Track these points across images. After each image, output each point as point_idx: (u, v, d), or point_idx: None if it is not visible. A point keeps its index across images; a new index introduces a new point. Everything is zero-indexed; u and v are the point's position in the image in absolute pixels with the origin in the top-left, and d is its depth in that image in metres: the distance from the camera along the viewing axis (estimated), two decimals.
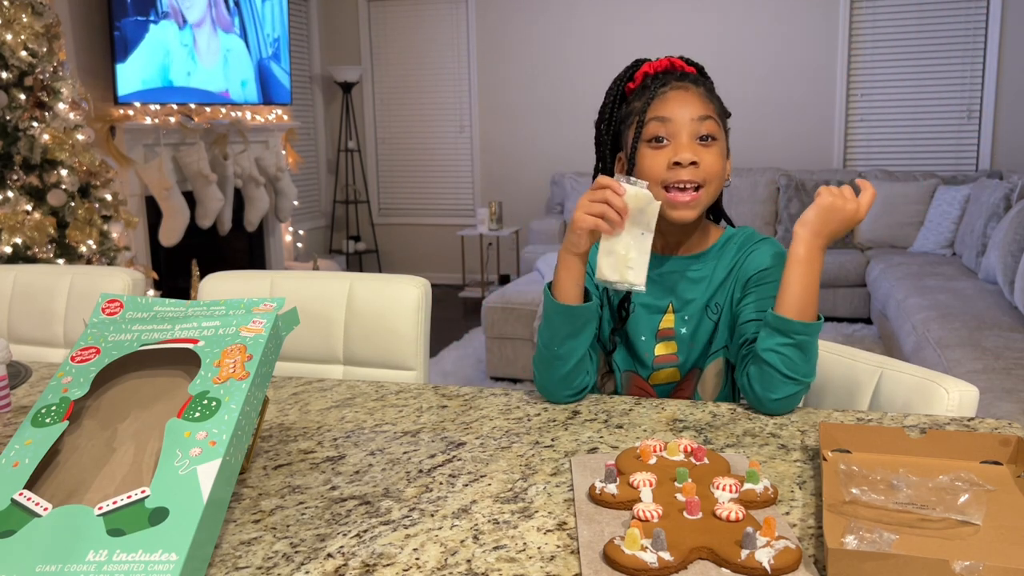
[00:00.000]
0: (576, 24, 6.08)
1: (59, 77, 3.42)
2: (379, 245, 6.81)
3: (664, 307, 1.30)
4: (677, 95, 1.22)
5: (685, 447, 0.95)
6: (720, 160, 1.23)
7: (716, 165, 1.22)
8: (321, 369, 1.63)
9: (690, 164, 1.20)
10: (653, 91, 1.23)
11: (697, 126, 1.21)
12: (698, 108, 1.22)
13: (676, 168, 1.21)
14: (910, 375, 1.20)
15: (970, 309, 3.46)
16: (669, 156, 1.21)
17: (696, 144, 1.21)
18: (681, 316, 1.29)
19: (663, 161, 1.22)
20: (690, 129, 1.21)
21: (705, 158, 1.21)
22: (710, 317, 1.29)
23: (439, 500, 0.89)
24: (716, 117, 1.23)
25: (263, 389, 0.89)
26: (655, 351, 1.31)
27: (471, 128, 6.47)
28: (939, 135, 5.54)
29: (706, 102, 1.23)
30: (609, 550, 0.74)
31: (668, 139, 1.22)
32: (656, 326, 1.30)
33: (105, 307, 0.98)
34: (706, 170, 1.22)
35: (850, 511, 0.80)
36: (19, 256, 3.18)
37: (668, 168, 1.21)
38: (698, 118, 1.21)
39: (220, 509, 0.75)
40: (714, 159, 1.22)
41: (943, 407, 1.13)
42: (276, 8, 5.63)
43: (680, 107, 1.22)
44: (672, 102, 1.22)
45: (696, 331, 1.29)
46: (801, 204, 5.36)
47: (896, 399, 1.20)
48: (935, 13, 5.40)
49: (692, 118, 1.21)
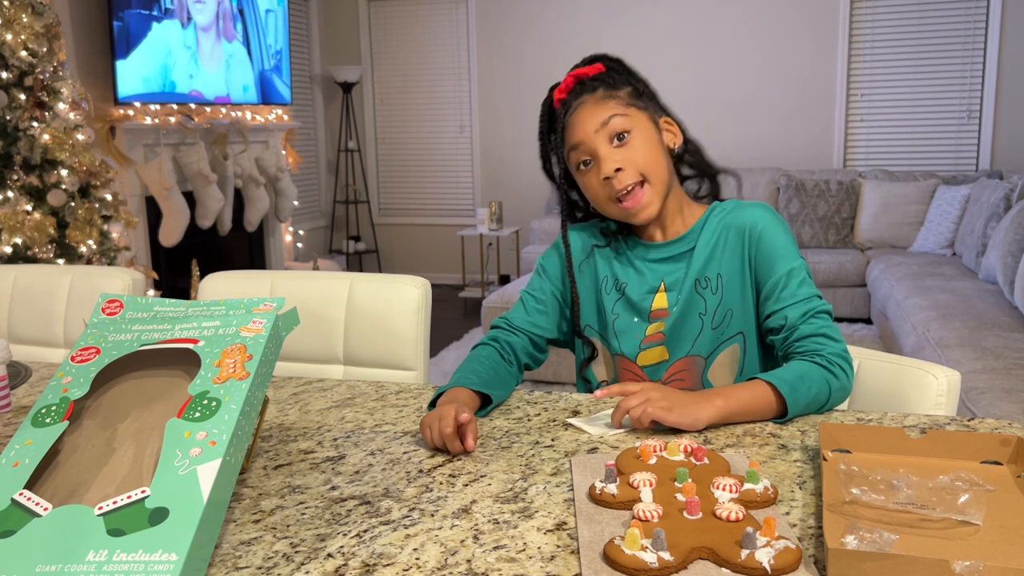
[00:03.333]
0: (576, 24, 6.08)
1: (59, 77, 3.41)
2: (379, 245, 6.81)
3: (656, 287, 1.30)
4: (578, 116, 1.25)
5: (685, 447, 0.95)
6: (644, 148, 1.24)
7: (641, 156, 1.24)
8: (321, 369, 1.63)
9: (616, 172, 1.23)
10: (562, 121, 1.27)
11: (604, 132, 1.24)
12: (598, 115, 1.24)
13: (609, 182, 1.24)
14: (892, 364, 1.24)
15: (970, 309, 3.46)
16: (598, 175, 1.25)
17: (612, 148, 1.24)
18: (673, 294, 1.29)
19: (596, 181, 1.25)
20: (599, 139, 1.24)
21: (627, 156, 1.23)
22: (700, 292, 1.27)
23: (439, 500, 0.89)
24: (621, 110, 1.24)
25: (263, 389, 0.89)
26: (646, 332, 1.30)
27: (471, 128, 6.47)
28: (939, 135, 5.54)
29: (604, 103, 1.25)
30: (609, 550, 0.74)
31: (590, 157, 1.25)
32: (649, 307, 1.30)
33: (105, 307, 0.98)
34: (635, 164, 1.23)
35: (850, 511, 0.80)
36: (19, 256, 3.18)
37: (603, 185, 1.25)
38: (600, 125, 1.23)
39: (220, 509, 0.75)
40: (636, 151, 1.24)
41: (934, 392, 1.17)
42: (279, 20, 5.63)
43: (582, 125, 1.24)
44: (576, 125, 1.25)
45: (685, 307, 1.27)
46: (801, 204, 5.36)
47: (884, 390, 1.22)
48: (935, 13, 5.40)
49: (595, 129, 1.24)
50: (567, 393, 1.26)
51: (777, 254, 1.24)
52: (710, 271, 1.27)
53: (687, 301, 1.27)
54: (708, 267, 1.27)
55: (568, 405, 1.20)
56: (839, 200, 5.34)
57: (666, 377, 1.29)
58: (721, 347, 1.28)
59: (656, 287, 1.30)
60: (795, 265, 1.23)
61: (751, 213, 1.27)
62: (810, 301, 1.20)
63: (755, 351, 1.28)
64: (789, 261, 1.23)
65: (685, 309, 1.27)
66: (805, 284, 1.22)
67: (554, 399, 1.24)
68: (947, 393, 1.17)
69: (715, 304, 1.27)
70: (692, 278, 1.28)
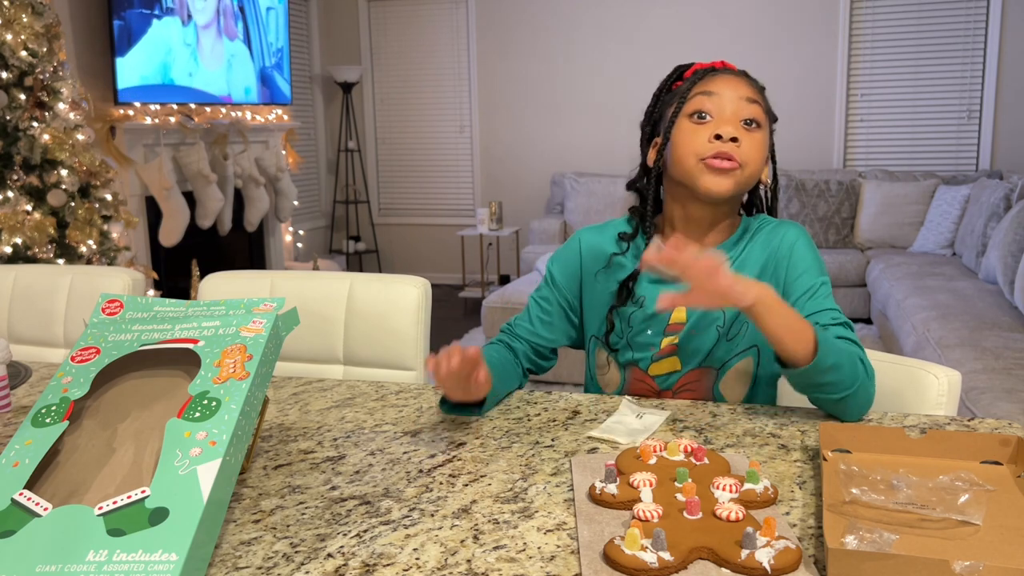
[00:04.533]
0: (576, 24, 6.08)
1: (59, 77, 3.41)
2: (379, 245, 6.81)
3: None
4: (725, 77, 1.21)
5: (685, 447, 0.95)
6: (761, 149, 1.20)
7: (756, 151, 1.19)
8: (321, 369, 1.63)
9: (731, 140, 1.17)
10: (701, 76, 1.22)
11: (743, 106, 1.19)
12: (746, 90, 1.20)
13: (716, 142, 1.17)
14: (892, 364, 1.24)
15: (970, 309, 3.46)
16: (711, 131, 1.18)
17: (740, 125, 1.19)
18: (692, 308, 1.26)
19: (704, 136, 1.18)
20: (735, 107, 1.19)
21: (747, 140, 1.18)
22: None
23: (439, 500, 0.89)
24: (763, 105, 1.21)
25: (263, 389, 0.89)
26: (660, 344, 1.27)
27: (471, 128, 6.47)
28: (939, 135, 5.54)
29: (753, 88, 1.22)
30: (609, 550, 0.74)
31: (711, 115, 1.19)
32: (667, 321, 1.27)
33: (105, 307, 0.98)
34: (747, 152, 1.18)
35: (850, 511, 0.80)
36: (19, 256, 3.18)
37: (708, 141, 1.18)
38: (745, 98, 1.19)
39: (220, 509, 0.75)
40: (755, 144, 1.19)
41: (934, 392, 1.17)
42: (280, 18, 5.64)
43: (727, 86, 1.20)
44: (720, 81, 1.21)
45: (702, 318, 1.25)
46: (801, 204, 5.36)
47: (885, 389, 1.21)
48: (935, 13, 5.40)
49: (739, 97, 1.19)
50: (567, 393, 1.26)
51: (809, 269, 1.23)
52: None
53: (704, 313, 1.25)
54: None
55: (568, 405, 1.20)
56: (839, 200, 5.34)
57: (677, 387, 1.28)
58: (734, 359, 1.26)
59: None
60: (825, 279, 1.23)
61: (786, 232, 1.26)
62: (838, 315, 1.19)
63: (769, 365, 1.24)
64: (820, 275, 1.22)
65: (701, 320, 1.25)
66: (831, 300, 1.21)
67: (554, 399, 1.24)
68: (948, 393, 1.17)
69: (732, 316, 1.24)
70: None
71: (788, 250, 1.24)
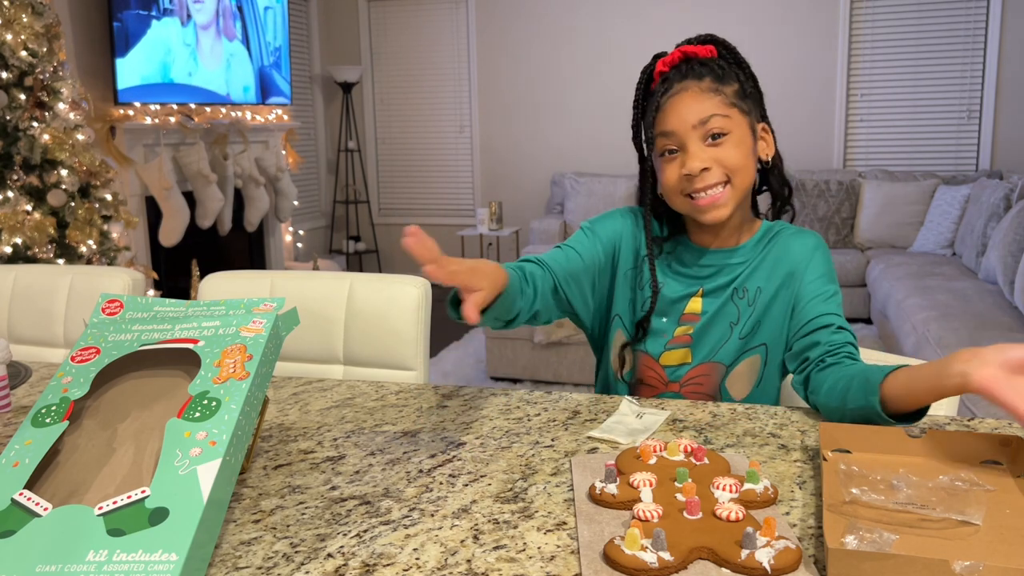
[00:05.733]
0: (576, 24, 6.08)
1: (59, 77, 3.41)
2: (379, 245, 6.81)
3: (694, 292, 1.29)
4: (678, 102, 1.20)
5: (685, 447, 0.95)
6: (736, 151, 1.20)
7: (732, 158, 1.19)
8: (321, 369, 1.63)
9: (701, 171, 1.19)
10: (657, 100, 1.21)
11: (701, 131, 1.19)
12: (699, 110, 1.19)
13: (689, 178, 1.20)
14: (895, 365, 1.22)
15: (970, 309, 3.46)
16: (680, 167, 1.20)
17: (704, 146, 1.19)
18: (708, 300, 1.28)
19: (677, 172, 1.21)
20: (695, 135, 1.19)
21: (717, 156, 1.19)
22: (735, 302, 1.27)
23: (439, 500, 0.89)
24: (723, 111, 1.19)
25: (263, 389, 0.89)
26: (674, 333, 1.29)
27: (471, 128, 6.47)
28: (939, 135, 5.54)
29: (709, 97, 1.19)
30: (609, 550, 0.74)
31: (679, 149, 1.21)
32: (682, 310, 1.29)
33: (105, 307, 0.98)
34: (723, 166, 1.19)
35: (850, 511, 0.80)
36: (19, 256, 3.18)
37: (682, 179, 1.21)
38: (699, 122, 1.19)
39: (220, 509, 0.75)
40: (728, 153, 1.19)
41: None
42: (278, 17, 5.64)
43: (680, 116, 1.19)
44: (672, 112, 1.20)
45: (717, 313, 1.27)
46: (801, 204, 5.36)
47: None
48: (935, 13, 5.40)
49: (694, 124, 1.19)
50: (567, 393, 1.26)
51: (824, 275, 1.25)
52: (750, 283, 1.27)
53: (720, 309, 1.27)
54: (749, 280, 1.27)
55: (568, 405, 1.20)
56: (839, 200, 5.34)
57: (685, 379, 1.29)
58: (743, 356, 1.27)
59: (693, 292, 1.29)
60: (838, 289, 1.26)
61: (804, 240, 1.28)
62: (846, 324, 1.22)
63: (776, 365, 1.28)
64: (833, 283, 1.26)
65: (717, 316, 1.27)
66: (841, 308, 1.24)
67: (554, 399, 1.24)
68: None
69: (748, 315, 1.26)
70: (731, 288, 1.27)
71: (808, 256, 1.26)
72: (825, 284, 1.25)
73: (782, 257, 1.27)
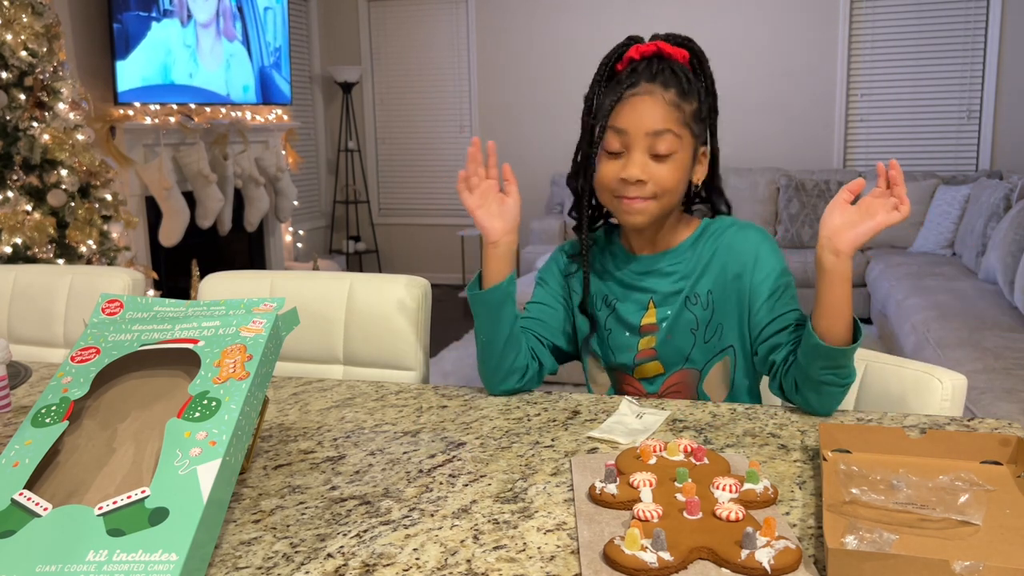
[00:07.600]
0: (576, 24, 6.08)
1: (59, 77, 3.41)
2: (379, 245, 6.81)
3: (645, 303, 1.30)
4: (640, 103, 1.19)
5: (685, 447, 0.95)
6: (674, 174, 1.21)
7: (668, 180, 1.20)
8: (321, 369, 1.63)
9: (636, 182, 1.20)
10: (620, 92, 1.20)
11: (652, 141, 1.19)
12: (656, 121, 1.18)
13: (624, 183, 1.21)
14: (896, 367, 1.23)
15: (970, 309, 3.46)
16: (619, 170, 1.21)
17: (649, 160, 1.20)
18: (662, 310, 1.29)
19: (615, 173, 1.22)
20: (644, 144, 1.19)
21: (655, 174, 1.20)
22: (690, 308, 1.27)
23: (439, 500, 0.89)
24: (678, 129, 1.20)
25: (263, 389, 0.89)
26: (639, 346, 1.30)
27: (471, 128, 6.47)
28: (939, 135, 5.54)
29: (669, 111, 1.19)
30: (609, 550, 0.74)
31: (624, 150, 1.21)
32: (639, 322, 1.30)
33: (105, 307, 0.98)
34: (657, 185, 1.20)
35: (850, 511, 0.80)
36: (19, 256, 3.18)
37: (618, 180, 1.22)
38: (653, 133, 1.19)
39: (220, 509, 0.75)
40: (666, 174, 1.20)
41: (938, 397, 1.17)
42: (278, 17, 5.64)
43: (638, 119, 1.19)
44: (631, 112, 1.19)
45: (675, 322, 1.28)
46: (801, 204, 5.36)
47: (888, 393, 1.21)
48: (935, 13, 5.40)
49: (647, 132, 1.19)
50: (567, 393, 1.26)
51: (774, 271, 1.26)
52: (700, 288, 1.27)
53: (676, 317, 1.28)
54: (698, 284, 1.28)
55: (568, 405, 1.21)
56: None
57: (662, 390, 1.31)
58: (714, 359, 1.29)
59: (645, 303, 1.30)
60: (789, 280, 1.27)
61: (747, 236, 1.28)
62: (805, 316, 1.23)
63: (744, 366, 1.29)
64: (784, 276, 1.27)
65: (674, 325, 1.28)
66: (796, 301, 1.26)
67: (554, 399, 1.24)
68: (952, 397, 1.16)
69: (706, 319, 1.27)
70: (683, 295, 1.28)
71: (753, 253, 1.26)
72: (775, 281, 1.25)
73: (728, 258, 1.27)
